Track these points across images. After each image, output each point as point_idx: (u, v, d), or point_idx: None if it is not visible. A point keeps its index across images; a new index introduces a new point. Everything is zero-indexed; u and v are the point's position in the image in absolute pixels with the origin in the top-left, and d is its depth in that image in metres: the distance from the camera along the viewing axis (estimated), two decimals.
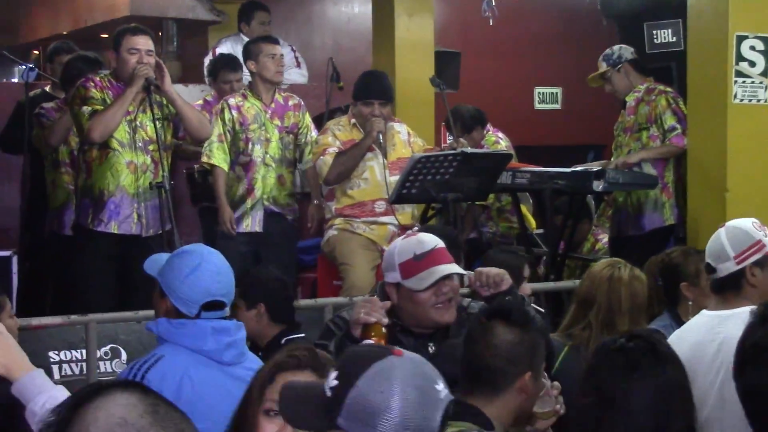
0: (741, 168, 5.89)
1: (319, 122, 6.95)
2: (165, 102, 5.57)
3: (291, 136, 6.24)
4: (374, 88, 6.10)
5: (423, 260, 3.43)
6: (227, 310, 3.30)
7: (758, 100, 5.92)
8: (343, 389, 1.85)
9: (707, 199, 5.99)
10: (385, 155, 6.10)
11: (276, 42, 6.35)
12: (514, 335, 2.76)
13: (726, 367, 3.34)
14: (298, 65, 8.14)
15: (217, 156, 6.04)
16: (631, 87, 6.50)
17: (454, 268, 3.48)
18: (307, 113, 6.41)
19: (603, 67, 6.55)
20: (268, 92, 6.19)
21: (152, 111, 5.38)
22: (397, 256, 3.47)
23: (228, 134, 6.06)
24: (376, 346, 2.42)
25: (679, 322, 4.19)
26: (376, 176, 6.07)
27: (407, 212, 6.14)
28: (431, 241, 3.50)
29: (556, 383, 3.01)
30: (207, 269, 3.25)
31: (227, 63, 6.98)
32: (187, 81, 7.83)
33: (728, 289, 3.55)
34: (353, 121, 6.13)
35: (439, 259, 3.46)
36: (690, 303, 4.26)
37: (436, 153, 5.95)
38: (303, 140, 6.29)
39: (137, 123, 5.51)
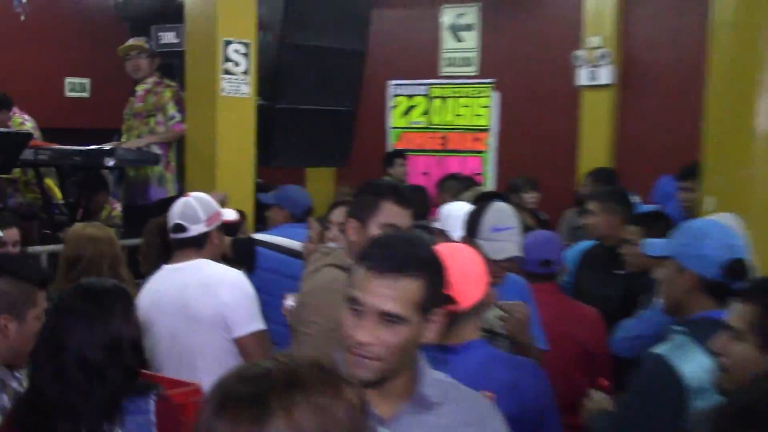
0: (228, 149, 6.71)
1: None
2: None
3: None
4: None
5: None
6: None
7: (242, 94, 6.78)
8: None
9: (201, 174, 6.72)
10: None
11: None
12: None
13: (173, 307, 4.09)
14: None
15: None
16: (144, 79, 7.48)
17: None
18: None
19: (145, 46, 7.37)
20: None
21: None
22: None
23: None
24: None
25: None
26: None
27: None
28: None
29: None
30: None
31: None
32: None
33: (192, 246, 4.20)
34: None
35: None
36: None
37: None
38: None
39: None
